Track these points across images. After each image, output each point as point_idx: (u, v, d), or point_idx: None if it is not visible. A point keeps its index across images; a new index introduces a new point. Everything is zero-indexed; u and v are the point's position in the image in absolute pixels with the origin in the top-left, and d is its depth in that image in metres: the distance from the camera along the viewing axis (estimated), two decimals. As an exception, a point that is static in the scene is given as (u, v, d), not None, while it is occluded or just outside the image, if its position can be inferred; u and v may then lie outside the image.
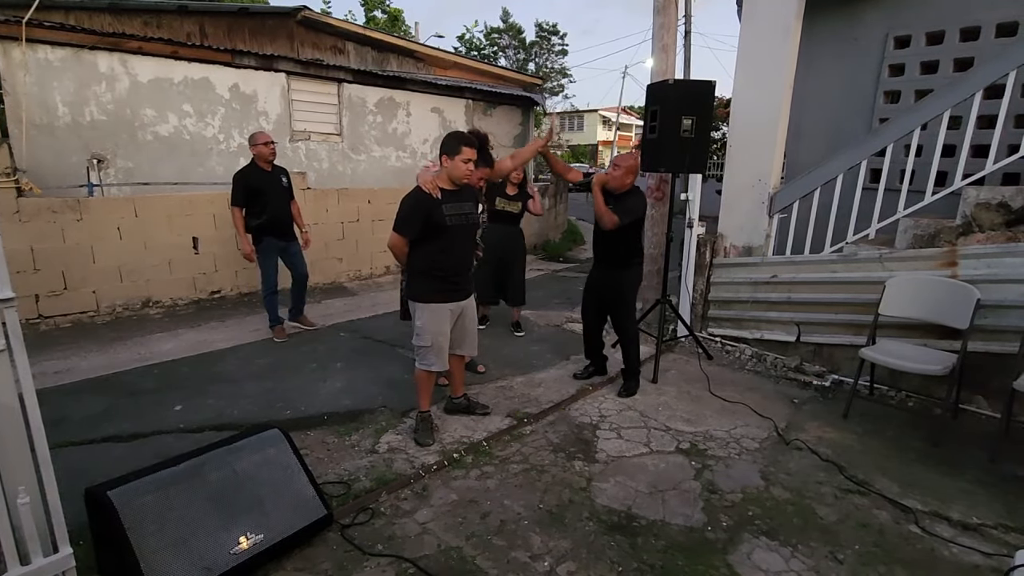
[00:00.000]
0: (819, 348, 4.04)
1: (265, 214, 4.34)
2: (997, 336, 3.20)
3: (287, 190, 4.55)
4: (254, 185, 4.31)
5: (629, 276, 3.65)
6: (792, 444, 3.06)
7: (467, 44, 28.82)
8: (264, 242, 4.43)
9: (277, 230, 4.46)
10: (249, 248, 4.37)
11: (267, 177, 4.40)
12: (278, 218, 4.43)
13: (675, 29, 5.09)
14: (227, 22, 7.96)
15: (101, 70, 5.91)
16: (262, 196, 4.33)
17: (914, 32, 4.58)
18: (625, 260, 3.61)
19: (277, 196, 4.43)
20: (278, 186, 4.47)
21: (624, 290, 3.65)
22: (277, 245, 4.50)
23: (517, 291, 4.84)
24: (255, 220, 4.34)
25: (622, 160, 3.52)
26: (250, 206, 4.33)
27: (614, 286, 3.66)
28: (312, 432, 3.10)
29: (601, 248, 3.69)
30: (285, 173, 4.58)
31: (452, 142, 2.79)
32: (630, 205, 3.43)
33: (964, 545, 2.23)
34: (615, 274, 3.64)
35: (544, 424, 3.30)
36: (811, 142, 5.16)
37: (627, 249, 3.59)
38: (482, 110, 9.78)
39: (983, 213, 3.37)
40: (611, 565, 2.12)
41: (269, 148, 4.37)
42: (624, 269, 3.63)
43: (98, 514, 1.87)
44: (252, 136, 4.41)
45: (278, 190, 4.45)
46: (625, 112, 35.30)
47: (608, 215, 3.39)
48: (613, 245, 3.58)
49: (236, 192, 4.30)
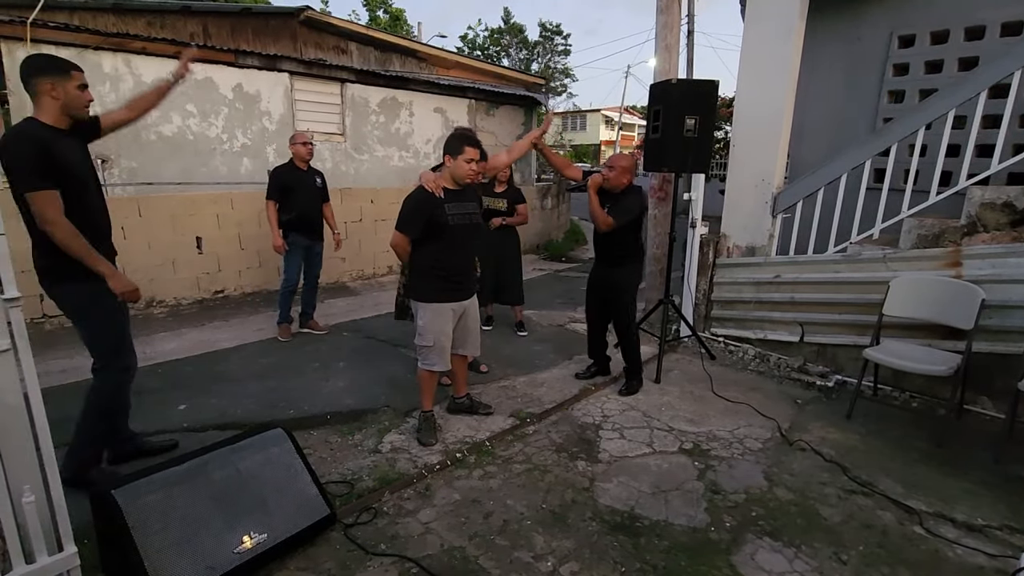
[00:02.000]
0: (823, 348, 4.03)
1: (294, 211, 4.47)
2: (1002, 336, 3.19)
3: (320, 191, 4.67)
4: (286, 183, 4.46)
5: (627, 275, 3.65)
6: (795, 444, 3.05)
7: (470, 44, 28.85)
8: (290, 238, 4.54)
9: (305, 228, 4.56)
10: (279, 241, 4.50)
11: (301, 176, 4.53)
12: (306, 217, 4.55)
13: (678, 29, 5.08)
14: (230, 22, 7.98)
15: (105, 70, 5.93)
16: (292, 194, 4.46)
17: (918, 31, 4.56)
18: (622, 259, 3.61)
19: (308, 195, 4.55)
20: (311, 186, 4.59)
21: (622, 289, 3.65)
22: (303, 243, 4.60)
23: (513, 289, 4.80)
24: (284, 216, 4.48)
25: (616, 160, 3.50)
26: (283, 202, 4.47)
27: (612, 285, 3.66)
28: (315, 431, 3.11)
29: (600, 247, 3.71)
30: (320, 175, 4.71)
31: (455, 142, 2.79)
32: (626, 205, 3.43)
33: (968, 546, 2.22)
34: (614, 273, 3.65)
35: (547, 424, 3.30)
36: (815, 142, 5.15)
37: (625, 248, 3.58)
38: (485, 110, 9.77)
39: (988, 213, 3.35)
40: (614, 565, 2.12)
41: (307, 148, 4.51)
42: (622, 268, 3.63)
43: (103, 513, 1.87)
44: (292, 136, 4.57)
45: (310, 189, 4.57)
46: (628, 112, 35.26)
47: (603, 217, 3.39)
48: (611, 244, 3.58)
49: (271, 187, 4.48)
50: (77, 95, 2.27)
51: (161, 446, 2.82)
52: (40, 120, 2.22)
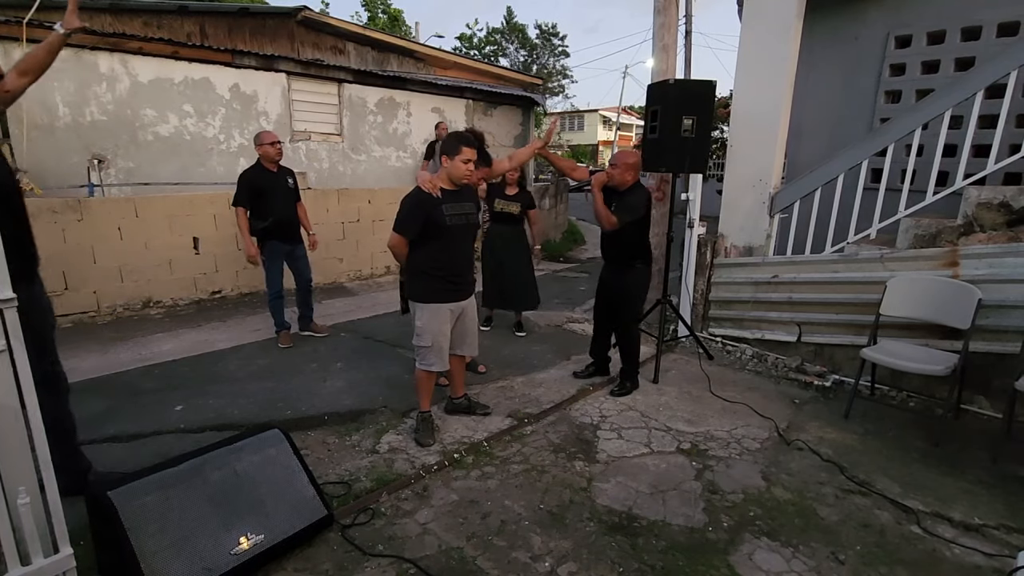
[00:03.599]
0: (820, 348, 4.03)
1: (271, 216, 4.22)
2: (999, 336, 3.20)
3: (293, 191, 4.44)
4: (259, 186, 4.19)
5: (634, 277, 3.61)
6: (793, 444, 3.05)
7: (467, 44, 28.85)
8: (269, 246, 4.32)
9: (283, 233, 4.34)
10: (253, 250, 4.25)
11: (272, 178, 4.28)
12: (283, 220, 4.32)
13: (675, 29, 5.09)
14: (227, 22, 7.97)
15: (102, 70, 5.91)
16: (267, 197, 4.22)
17: (915, 31, 4.57)
18: (630, 260, 3.58)
19: (283, 198, 4.32)
20: (284, 187, 4.36)
21: (628, 291, 3.62)
22: (282, 249, 4.39)
23: (525, 294, 4.77)
24: (260, 223, 4.23)
25: (621, 157, 3.49)
26: (255, 208, 4.23)
27: (617, 287, 3.65)
28: (313, 432, 3.10)
29: (606, 248, 3.69)
30: (291, 174, 4.46)
31: (452, 142, 2.79)
32: (631, 203, 3.40)
33: (966, 546, 2.23)
34: (619, 274, 3.64)
35: (545, 424, 3.29)
36: (812, 142, 5.16)
37: (630, 250, 3.56)
38: (482, 110, 9.77)
39: (984, 213, 3.36)
40: (612, 565, 2.11)
41: (275, 148, 4.24)
42: (631, 270, 3.59)
43: (98, 514, 1.86)
44: (257, 136, 4.27)
45: (284, 191, 4.34)
46: (625, 112, 35.30)
47: (607, 215, 3.36)
48: (615, 245, 3.57)
49: (240, 192, 4.18)
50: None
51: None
52: None
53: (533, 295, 4.82)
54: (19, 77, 2.25)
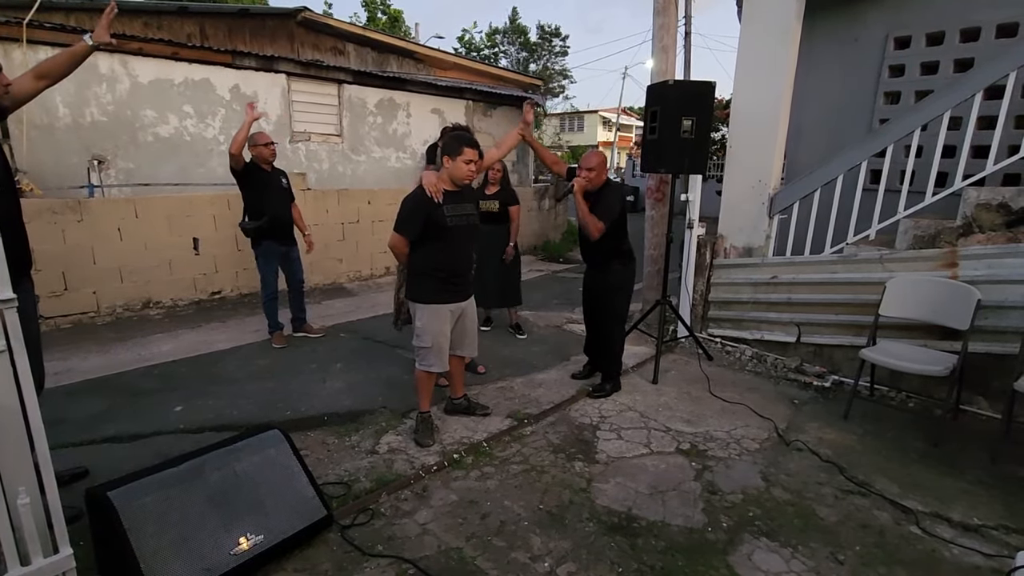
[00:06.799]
0: (819, 349, 4.04)
1: (265, 215, 4.27)
2: (998, 337, 3.20)
3: (287, 192, 4.49)
4: (257, 179, 4.26)
5: (615, 277, 3.57)
6: (792, 445, 3.06)
7: (467, 45, 28.86)
8: (264, 246, 4.37)
9: (278, 233, 4.38)
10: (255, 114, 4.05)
11: (267, 178, 4.33)
12: (278, 220, 4.36)
13: (675, 30, 5.09)
14: (227, 23, 7.96)
15: (101, 71, 5.91)
16: (263, 194, 4.28)
17: (914, 33, 4.58)
18: (607, 262, 3.55)
19: (277, 198, 4.37)
20: (278, 187, 4.40)
21: (609, 293, 3.60)
22: (278, 250, 4.44)
23: (509, 292, 4.77)
24: (256, 222, 4.28)
25: (589, 160, 3.39)
26: (251, 206, 4.29)
27: (601, 288, 3.63)
28: (312, 433, 3.10)
29: (584, 251, 3.67)
30: (284, 175, 4.52)
31: (453, 143, 2.79)
32: (608, 203, 3.36)
33: (965, 546, 2.23)
34: (599, 277, 3.63)
35: (544, 425, 3.29)
36: (811, 143, 5.17)
37: (606, 253, 3.51)
38: (482, 111, 9.78)
39: (983, 214, 3.37)
40: (611, 566, 2.12)
41: (270, 149, 4.29)
42: (608, 270, 3.57)
43: (98, 515, 1.87)
44: (252, 136, 4.26)
45: (278, 191, 4.39)
46: (625, 113, 35.31)
47: (593, 223, 3.32)
48: (592, 249, 3.53)
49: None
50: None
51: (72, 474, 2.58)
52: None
53: (513, 295, 4.81)
54: (36, 80, 2.28)
